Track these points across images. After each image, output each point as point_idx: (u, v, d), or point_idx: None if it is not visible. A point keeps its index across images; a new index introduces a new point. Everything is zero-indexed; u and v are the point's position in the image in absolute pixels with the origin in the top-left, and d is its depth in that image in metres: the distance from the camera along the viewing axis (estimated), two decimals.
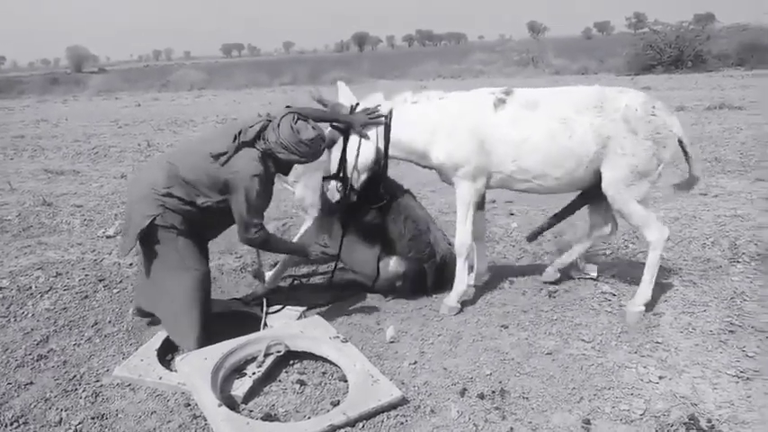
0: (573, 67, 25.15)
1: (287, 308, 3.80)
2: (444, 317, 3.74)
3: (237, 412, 2.77)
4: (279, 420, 2.78)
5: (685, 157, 3.56)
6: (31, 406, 2.93)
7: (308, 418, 2.77)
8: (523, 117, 3.50)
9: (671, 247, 4.63)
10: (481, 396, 2.88)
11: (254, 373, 3.05)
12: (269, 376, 3.12)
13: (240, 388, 2.95)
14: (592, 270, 4.19)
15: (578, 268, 4.24)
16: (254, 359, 3.14)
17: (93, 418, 2.82)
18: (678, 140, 3.45)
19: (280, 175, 3.59)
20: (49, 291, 4.22)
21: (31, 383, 3.13)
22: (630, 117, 3.36)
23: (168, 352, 3.42)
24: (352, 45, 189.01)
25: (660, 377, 2.98)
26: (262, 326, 3.58)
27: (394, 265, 3.96)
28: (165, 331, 3.43)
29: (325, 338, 3.24)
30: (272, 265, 4.43)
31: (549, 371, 3.08)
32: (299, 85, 25.37)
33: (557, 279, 4.12)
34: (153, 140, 10.97)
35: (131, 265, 4.71)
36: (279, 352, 3.18)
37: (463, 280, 3.81)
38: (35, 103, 22.07)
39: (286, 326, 3.48)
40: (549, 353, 3.27)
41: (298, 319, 3.68)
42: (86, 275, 4.48)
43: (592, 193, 3.72)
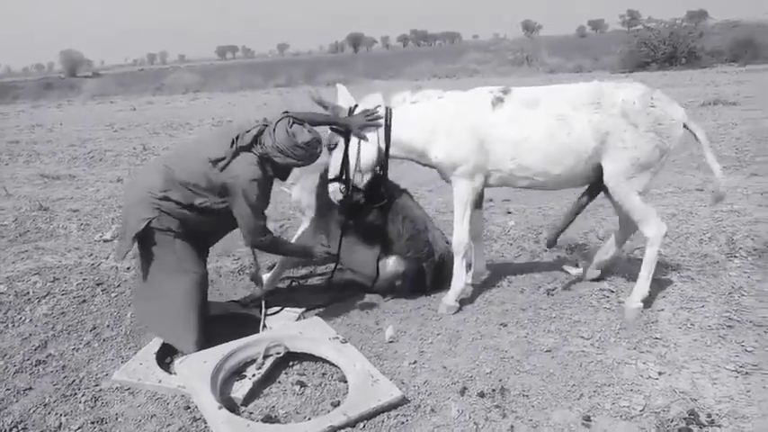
0: (567, 65, 25.20)
1: (285, 309, 3.80)
2: (443, 316, 3.75)
3: (237, 414, 2.77)
4: (279, 422, 2.78)
5: (696, 140, 3.53)
6: (31, 411, 2.92)
7: (309, 419, 2.77)
8: (522, 116, 3.50)
9: (668, 243, 4.64)
10: (481, 394, 2.88)
11: (253, 375, 3.05)
12: (269, 378, 3.11)
13: (240, 390, 2.95)
14: (592, 274, 4.16)
15: (579, 266, 4.25)
16: (253, 361, 3.14)
17: (92, 422, 2.81)
18: (684, 126, 3.42)
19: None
20: (47, 296, 4.21)
21: (30, 389, 3.12)
22: (629, 111, 3.35)
23: (167, 355, 3.41)
24: (347, 46, 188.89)
25: (659, 373, 2.99)
26: (261, 327, 3.58)
27: (393, 264, 3.97)
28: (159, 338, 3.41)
29: (325, 339, 3.24)
30: (269, 267, 4.43)
31: (549, 368, 3.09)
32: (294, 86, 25.35)
33: (596, 277, 4.09)
34: (148, 144, 10.95)
35: (129, 268, 4.70)
36: (278, 353, 3.19)
37: (461, 278, 3.82)
38: (30, 108, 21.98)
39: (285, 327, 3.48)
40: (548, 350, 3.27)
41: (296, 320, 3.68)
42: (84, 280, 4.47)
43: (599, 187, 3.67)
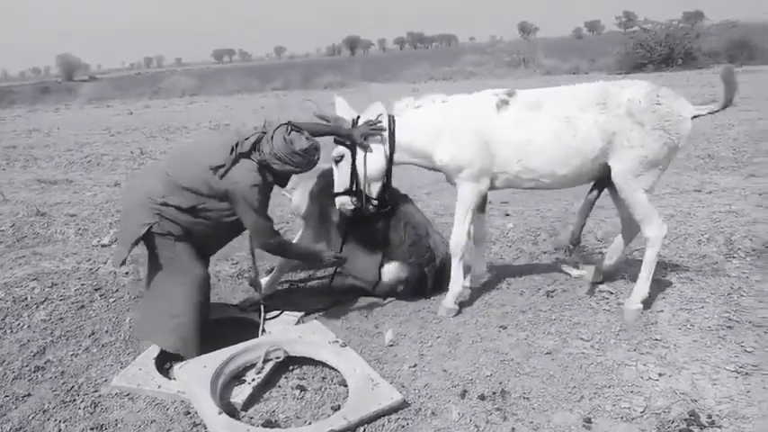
0: (564, 66, 25.23)
1: (285, 313, 3.80)
2: (442, 319, 3.74)
3: (238, 419, 2.76)
4: (279, 427, 2.78)
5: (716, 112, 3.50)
6: (30, 418, 2.91)
7: (309, 423, 2.76)
8: (527, 118, 3.48)
9: (667, 245, 4.65)
10: (482, 397, 2.88)
11: (253, 380, 3.04)
12: (268, 382, 3.11)
13: (240, 395, 2.94)
14: (596, 278, 4.15)
15: (579, 268, 4.25)
16: (253, 366, 3.13)
17: (92, 428, 2.80)
18: (696, 117, 3.38)
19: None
20: (45, 301, 4.20)
21: (29, 395, 3.11)
22: (635, 110, 3.32)
23: (166, 360, 3.39)
24: (344, 49, 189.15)
25: (660, 374, 2.99)
26: (260, 332, 3.57)
27: (395, 271, 3.97)
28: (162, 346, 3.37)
29: (324, 343, 3.23)
30: (267, 271, 4.42)
31: (549, 370, 3.09)
32: (291, 89, 25.36)
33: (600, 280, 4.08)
34: (146, 148, 10.93)
35: (127, 273, 4.69)
36: (278, 358, 3.19)
37: (459, 280, 3.80)
38: (26, 112, 21.91)
39: (284, 331, 3.48)
40: (548, 352, 3.27)
41: (296, 324, 3.68)
42: (82, 285, 4.46)
43: (606, 182, 3.62)
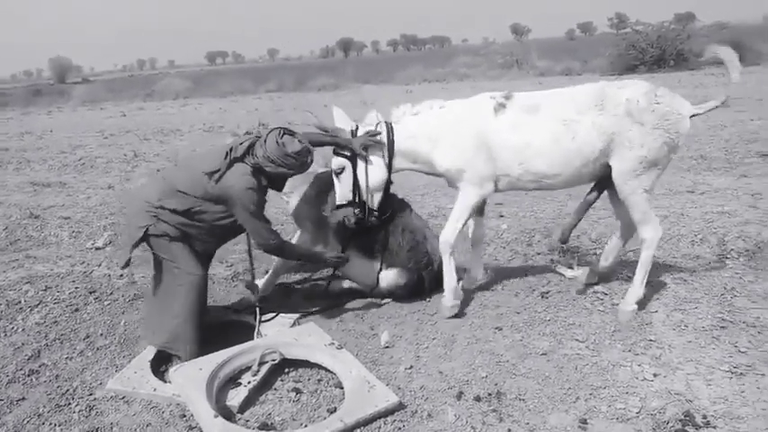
0: (557, 68, 25.30)
1: (280, 315, 3.79)
2: (438, 320, 3.74)
3: (234, 422, 2.76)
4: (275, 429, 2.78)
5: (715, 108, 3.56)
6: (24, 422, 2.90)
7: (305, 426, 2.76)
8: (524, 121, 3.47)
9: (660, 245, 4.66)
10: (478, 399, 2.89)
11: (249, 383, 3.04)
12: (264, 385, 3.11)
13: (236, 398, 2.94)
14: (590, 279, 4.16)
15: (573, 269, 4.27)
16: (248, 368, 3.13)
17: None
18: (695, 115, 3.40)
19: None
20: (39, 304, 4.18)
21: (24, 399, 3.10)
22: (633, 110, 3.32)
23: (162, 363, 3.39)
24: (338, 51, 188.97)
25: (655, 375, 3.00)
26: (256, 334, 3.57)
27: (394, 277, 3.97)
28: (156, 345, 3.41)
29: (320, 345, 3.23)
30: (264, 272, 4.41)
31: (545, 371, 3.10)
32: (284, 92, 25.33)
33: (595, 281, 4.07)
34: (139, 150, 10.90)
35: (122, 276, 4.68)
36: (274, 360, 3.18)
37: (452, 276, 3.75)
38: (19, 115, 21.80)
39: (280, 334, 3.48)
40: (543, 353, 3.28)
41: (291, 326, 3.68)
42: (76, 288, 4.44)
43: (606, 183, 3.63)
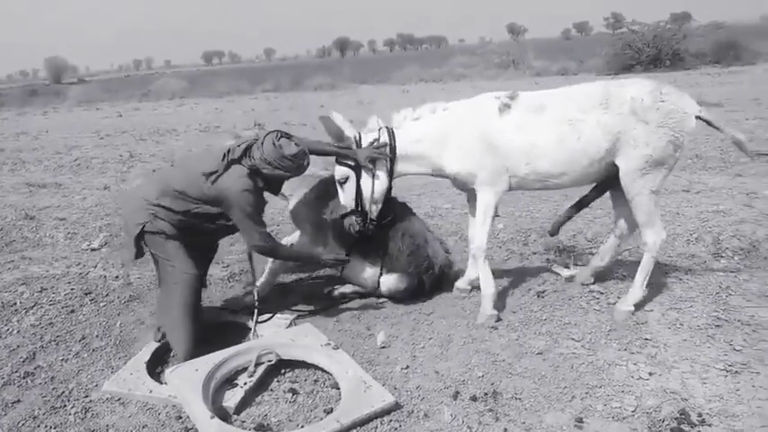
0: (553, 68, 25.36)
1: (276, 316, 3.79)
2: (434, 320, 3.75)
3: (230, 423, 2.75)
4: (272, 430, 2.77)
5: (717, 129, 3.48)
6: (20, 424, 2.89)
7: (301, 426, 2.76)
8: (530, 122, 3.46)
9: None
10: (474, 398, 2.89)
11: (245, 384, 3.04)
12: (261, 386, 3.10)
13: (232, 399, 2.94)
14: (586, 279, 4.17)
15: (569, 268, 4.27)
16: (245, 369, 3.12)
17: None
18: (697, 118, 3.39)
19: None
20: (34, 306, 4.17)
21: (19, 401, 3.09)
22: (638, 108, 3.31)
23: (158, 365, 3.40)
24: (334, 50, 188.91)
25: (650, 373, 3.01)
26: (252, 335, 3.56)
27: (395, 282, 3.97)
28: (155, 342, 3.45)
29: (317, 346, 3.23)
30: (261, 272, 4.40)
31: (541, 371, 3.10)
32: (281, 91, 25.31)
33: (590, 281, 4.05)
34: (135, 151, 10.87)
35: (117, 277, 4.67)
36: (270, 361, 3.18)
37: (491, 283, 3.70)
38: (14, 115, 21.72)
39: (276, 334, 3.47)
40: (539, 353, 3.28)
41: (288, 327, 3.67)
42: (72, 289, 4.43)
43: (608, 184, 3.64)
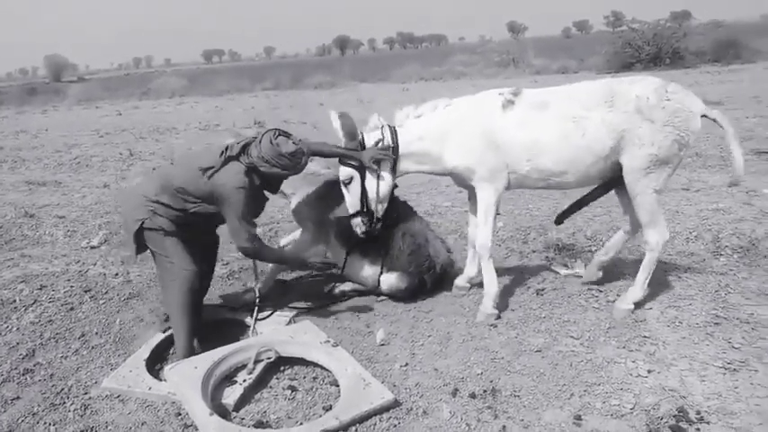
0: (553, 66, 25.32)
1: (276, 313, 3.79)
2: (434, 318, 3.75)
3: (229, 420, 2.76)
4: (271, 427, 2.78)
5: (722, 128, 3.40)
6: (19, 421, 2.89)
7: (301, 423, 2.76)
8: (533, 118, 3.44)
9: None
10: (473, 396, 2.89)
11: (244, 381, 3.04)
12: (260, 383, 3.11)
13: (231, 396, 2.94)
14: (580, 268, 4.22)
15: (568, 267, 4.28)
16: (244, 366, 3.13)
17: (82, 431, 2.79)
18: (704, 116, 3.35)
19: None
20: (34, 303, 4.17)
21: (18, 398, 3.09)
22: (643, 107, 3.28)
23: (157, 362, 3.40)
24: (334, 49, 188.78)
25: (649, 371, 3.01)
26: (251, 332, 3.57)
27: (395, 281, 3.97)
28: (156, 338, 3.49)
29: (316, 343, 3.24)
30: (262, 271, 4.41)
31: (539, 368, 3.11)
32: (281, 90, 25.29)
33: (598, 278, 4.00)
34: (135, 149, 10.87)
35: (117, 275, 4.67)
36: (269, 358, 3.18)
37: (494, 282, 3.69)
38: (14, 114, 21.70)
39: (276, 332, 3.48)
40: (538, 350, 3.29)
41: (287, 324, 3.67)
42: (71, 287, 4.43)
43: (614, 181, 3.60)
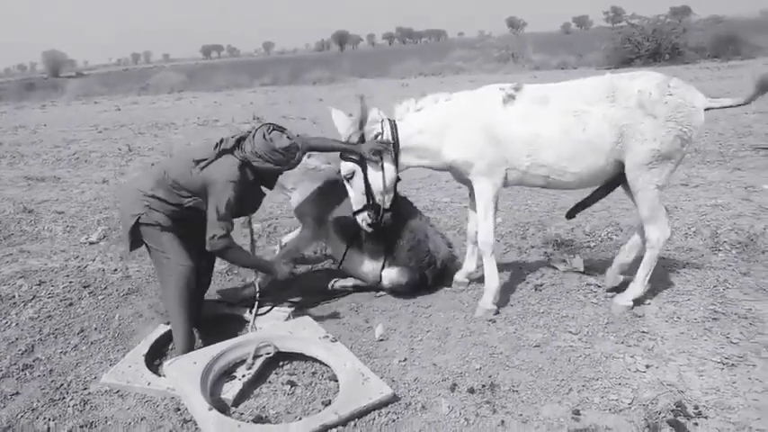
0: (552, 62, 25.26)
1: (275, 309, 3.79)
2: (432, 313, 3.76)
3: (228, 415, 2.76)
4: (270, 422, 2.78)
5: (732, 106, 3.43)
6: (18, 416, 2.90)
7: (300, 418, 2.77)
8: (534, 113, 3.43)
9: None
10: (471, 390, 2.90)
11: (243, 376, 3.05)
12: (259, 378, 3.11)
13: (230, 391, 2.95)
14: (578, 264, 4.23)
15: (567, 262, 4.28)
16: (243, 362, 3.13)
17: (81, 426, 2.80)
18: (707, 110, 3.33)
19: (279, 182, 3.71)
20: (33, 299, 4.17)
21: (18, 394, 3.10)
22: (645, 102, 3.26)
23: (156, 357, 3.40)
24: (333, 44, 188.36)
25: (647, 366, 3.02)
26: (250, 328, 3.57)
27: (396, 277, 3.97)
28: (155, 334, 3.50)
29: (315, 339, 3.24)
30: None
31: (538, 363, 3.11)
32: (279, 85, 25.26)
33: (618, 283, 3.89)
34: (134, 144, 10.86)
35: (116, 270, 4.67)
36: (268, 354, 3.19)
37: (495, 278, 3.68)
38: (12, 109, 21.68)
39: (275, 327, 3.48)
40: (537, 345, 3.29)
41: (286, 320, 3.68)
42: (70, 282, 4.43)
43: (620, 179, 3.55)
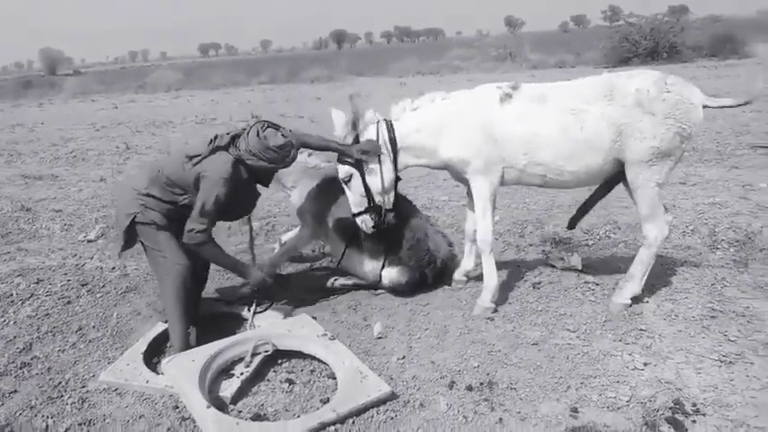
0: (550, 61, 25.30)
1: (273, 307, 3.79)
2: (431, 311, 3.76)
3: (226, 413, 2.76)
4: (268, 420, 2.78)
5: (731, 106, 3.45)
6: (17, 414, 2.89)
7: (298, 416, 2.77)
8: (532, 111, 3.43)
9: None
10: (469, 388, 2.90)
11: (242, 374, 3.04)
12: (257, 376, 3.11)
13: (228, 389, 2.94)
14: (576, 262, 4.23)
15: (565, 260, 4.29)
16: (241, 359, 3.13)
17: (80, 424, 2.79)
18: (705, 107, 3.33)
19: (279, 181, 3.75)
20: (31, 297, 4.17)
21: (16, 392, 3.09)
22: (643, 100, 3.26)
23: (154, 355, 3.40)
24: (331, 43, 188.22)
25: (645, 364, 3.03)
26: (249, 326, 3.57)
27: (396, 276, 3.97)
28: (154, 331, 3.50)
29: (313, 336, 3.24)
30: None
31: (536, 361, 3.12)
32: (277, 84, 25.23)
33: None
34: (131, 143, 10.85)
35: (114, 268, 4.67)
36: (266, 351, 3.19)
37: (494, 276, 3.68)
38: (9, 107, 21.66)
39: (273, 325, 3.48)
40: (535, 343, 3.30)
41: (284, 317, 3.68)
42: (68, 281, 4.43)
43: (617, 178, 3.56)
